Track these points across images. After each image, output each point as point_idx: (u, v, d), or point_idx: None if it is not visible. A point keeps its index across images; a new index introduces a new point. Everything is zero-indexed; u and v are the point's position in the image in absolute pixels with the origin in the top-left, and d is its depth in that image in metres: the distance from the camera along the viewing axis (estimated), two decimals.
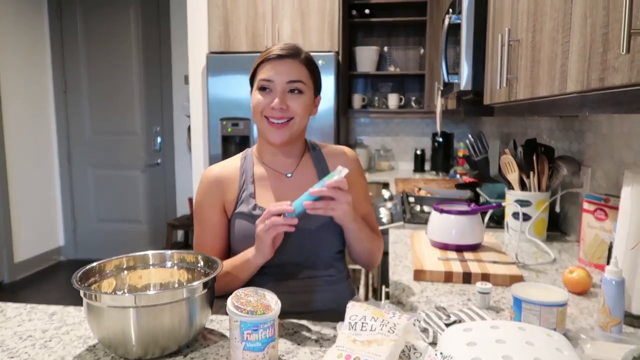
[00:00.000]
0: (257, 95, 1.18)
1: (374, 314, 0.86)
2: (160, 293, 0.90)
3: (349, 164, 1.28)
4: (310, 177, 1.26)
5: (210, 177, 1.25)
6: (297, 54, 1.19)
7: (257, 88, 1.19)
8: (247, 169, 1.25)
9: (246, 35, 3.44)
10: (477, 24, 1.70)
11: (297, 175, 1.26)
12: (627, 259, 1.03)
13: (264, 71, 1.18)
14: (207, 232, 1.23)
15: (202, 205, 1.24)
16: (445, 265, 1.36)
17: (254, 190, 1.22)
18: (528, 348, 0.74)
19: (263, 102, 1.17)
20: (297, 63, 1.18)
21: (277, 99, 1.15)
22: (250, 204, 1.20)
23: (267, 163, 1.26)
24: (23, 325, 1.04)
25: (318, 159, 1.29)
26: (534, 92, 1.12)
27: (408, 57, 4.13)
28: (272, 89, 1.17)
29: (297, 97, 1.18)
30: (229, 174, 1.25)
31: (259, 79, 1.18)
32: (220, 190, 1.23)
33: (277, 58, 1.17)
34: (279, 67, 1.17)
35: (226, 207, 1.23)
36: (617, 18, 0.71)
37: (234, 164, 1.27)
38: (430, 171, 4.08)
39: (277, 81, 1.16)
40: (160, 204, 4.60)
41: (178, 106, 4.48)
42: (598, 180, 1.63)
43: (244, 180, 1.23)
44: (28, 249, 4.25)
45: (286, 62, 1.17)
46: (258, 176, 1.25)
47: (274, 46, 1.20)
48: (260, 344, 0.84)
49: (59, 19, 4.39)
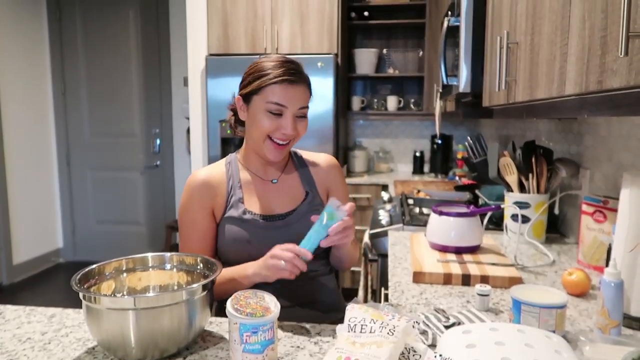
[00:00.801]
0: (265, 119, 1.17)
1: (373, 316, 0.86)
2: (160, 295, 0.91)
3: (331, 170, 1.36)
4: (294, 183, 1.31)
5: (197, 181, 1.25)
6: (303, 78, 1.20)
7: (266, 110, 1.17)
8: (234, 174, 1.28)
9: (245, 37, 3.45)
10: (476, 27, 1.71)
11: (282, 182, 1.30)
12: (626, 261, 1.03)
13: (273, 94, 1.16)
14: (194, 236, 1.24)
15: (188, 210, 1.25)
16: (445, 267, 1.36)
17: (242, 195, 1.25)
18: (527, 350, 0.74)
19: (272, 126, 1.18)
20: (305, 88, 1.20)
21: (290, 125, 1.17)
22: (239, 209, 1.23)
23: (253, 170, 1.30)
24: (22, 328, 1.04)
25: (301, 165, 1.34)
26: (533, 94, 1.12)
27: (407, 59, 4.13)
28: (282, 114, 1.18)
29: (302, 121, 1.22)
30: (216, 178, 1.26)
31: (267, 101, 1.16)
32: (209, 194, 1.24)
33: (289, 83, 1.16)
34: (292, 93, 1.17)
35: (215, 211, 1.25)
36: (615, 21, 0.71)
37: (219, 169, 1.29)
38: (430, 173, 4.08)
39: (290, 107, 1.17)
40: (159, 206, 4.60)
41: (177, 108, 4.49)
42: (597, 182, 1.63)
43: (232, 185, 1.26)
44: (27, 251, 4.24)
45: (298, 88, 1.18)
46: (244, 182, 1.27)
47: (272, 62, 1.18)
48: (260, 346, 0.84)
49: (58, 21, 4.40)
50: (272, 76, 1.16)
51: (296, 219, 1.25)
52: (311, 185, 1.32)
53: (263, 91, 1.17)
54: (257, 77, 1.18)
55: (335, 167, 1.38)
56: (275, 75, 1.16)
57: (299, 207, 1.27)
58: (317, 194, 1.31)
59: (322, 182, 1.34)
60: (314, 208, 1.27)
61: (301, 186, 1.31)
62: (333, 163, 1.38)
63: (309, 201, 1.29)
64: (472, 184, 2.62)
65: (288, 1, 3.39)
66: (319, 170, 1.35)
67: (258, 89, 1.17)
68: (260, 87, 1.17)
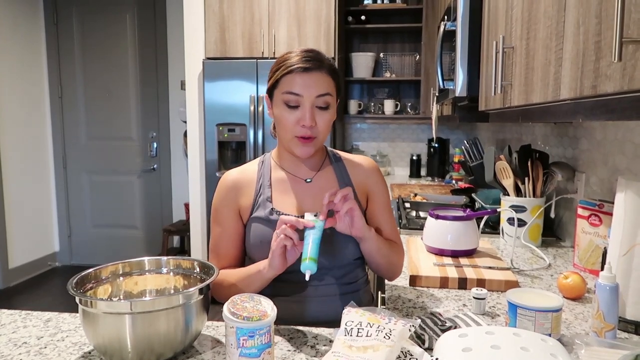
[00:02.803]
0: (284, 113, 1.12)
1: (370, 319, 0.87)
2: (156, 299, 0.90)
3: (370, 173, 1.27)
4: (330, 183, 1.23)
5: (227, 182, 1.22)
6: (322, 64, 1.13)
7: (284, 102, 1.12)
8: (265, 173, 1.23)
9: (242, 41, 3.45)
10: (472, 31, 1.71)
11: (317, 181, 1.23)
12: (621, 265, 1.04)
13: (288, 84, 1.11)
14: (222, 237, 1.21)
15: (217, 210, 1.22)
16: (441, 271, 1.36)
17: (270, 194, 1.19)
18: (523, 354, 0.74)
19: (292, 120, 1.12)
20: (323, 75, 1.12)
21: (308, 116, 1.10)
22: (267, 208, 1.17)
23: (286, 168, 1.23)
24: (18, 332, 1.03)
25: (339, 167, 1.26)
26: (528, 98, 1.13)
27: (404, 64, 4.15)
28: (299, 104, 1.11)
29: (323, 114, 1.13)
30: (246, 178, 1.22)
31: (283, 92, 1.11)
32: (236, 194, 1.21)
33: (303, 71, 1.10)
34: (307, 81, 1.10)
35: (242, 213, 1.21)
36: (609, 26, 0.72)
37: (252, 168, 1.25)
38: (426, 177, 4.09)
39: (306, 96, 1.10)
40: (156, 210, 4.59)
41: (174, 112, 4.48)
42: (592, 186, 1.64)
43: (261, 184, 1.21)
44: (23, 255, 4.23)
45: (314, 75, 1.11)
46: (276, 180, 1.22)
47: (292, 53, 1.14)
48: (257, 350, 0.84)
49: (55, 24, 4.40)
50: (286, 65, 1.11)
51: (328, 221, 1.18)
52: (347, 185, 1.23)
53: (280, 83, 1.12)
54: (275, 70, 1.14)
55: (377, 170, 1.29)
56: (289, 64, 1.11)
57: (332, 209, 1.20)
58: (355, 197, 1.22)
59: (361, 185, 1.25)
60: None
61: (337, 186, 1.22)
62: (374, 166, 1.29)
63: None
64: (469, 188, 2.63)
65: (285, 5, 3.40)
66: (359, 173, 1.26)
67: (276, 82, 1.13)
68: (277, 80, 1.13)
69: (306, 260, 0.98)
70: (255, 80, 3.37)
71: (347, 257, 1.19)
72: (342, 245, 1.18)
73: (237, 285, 1.12)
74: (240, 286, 1.11)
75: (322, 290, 1.17)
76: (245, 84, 3.39)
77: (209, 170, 3.49)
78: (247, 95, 3.39)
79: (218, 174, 3.46)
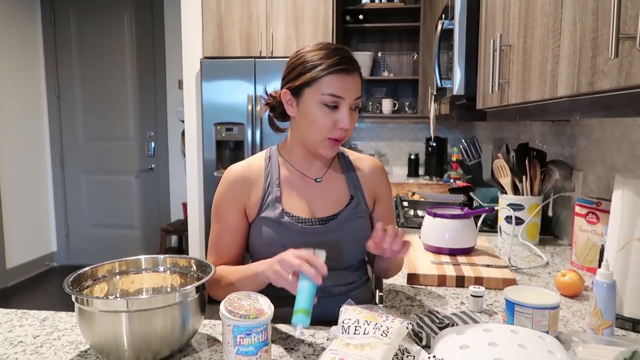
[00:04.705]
0: (320, 114, 1.08)
1: (367, 317, 0.86)
2: (153, 297, 0.90)
3: (378, 176, 1.26)
4: (339, 183, 1.21)
5: (232, 176, 1.18)
6: (357, 65, 1.11)
7: (322, 103, 1.08)
8: (273, 170, 1.19)
9: (240, 40, 3.45)
10: (470, 30, 1.71)
11: (326, 181, 1.21)
12: (618, 262, 1.04)
13: (329, 85, 1.07)
14: (224, 232, 1.18)
15: (220, 205, 1.18)
16: (439, 269, 1.36)
17: (280, 194, 1.16)
18: (520, 351, 0.74)
19: (329, 121, 1.09)
20: (359, 77, 1.12)
21: (347, 118, 1.08)
22: (277, 209, 1.14)
23: (296, 167, 1.20)
24: (14, 331, 1.03)
25: (347, 166, 1.25)
26: (526, 96, 1.13)
27: (402, 63, 4.15)
28: (338, 106, 1.08)
29: (354, 116, 1.12)
30: (252, 174, 1.18)
31: (323, 93, 1.07)
32: (243, 192, 1.17)
33: (346, 73, 1.08)
34: (348, 84, 1.08)
35: (248, 210, 1.17)
36: (605, 23, 0.72)
37: (258, 164, 1.21)
38: (424, 176, 4.09)
39: (347, 98, 1.08)
40: (154, 210, 4.59)
41: (172, 111, 4.48)
42: (590, 184, 1.64)
43: (269, 182, 1.17)
44: (20, 255, 4.22)
45: (353, 78, 1.09)
46: (285, 179, 1.19)
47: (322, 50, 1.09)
48: (253, 348, 0.84)
49: (52, 24, 4.38)
50: (327, 65, 1.06)
51: (337, 225, 1.16)
52: (357, 188, 1.22)
53: (317, 83, 1.07)
54: (309, 68, 1.08)
55: (383, 172, 1.28)
56: (330, 64, 1.06)
57: (341, 212, 1.17)
58: (363, 199, 1.22)
59: (369, 187, 1.24)
60: (358, 214, 1.18)
61: (346, 188, 1.21)
62: (380, 166, 1.28)
63: (353, 206, 1.19)
64: (467, 187, 2.63)
65: (283, 4, 3.39)
66: (366, 174, 1.25)
67: (311, 80, 1.07)
68: (314, 79, 1.07)
69: (298, 313, 0.88)
70: (253, 80, 3.37)
71: (350, 261, 1.19)
72: (347, 251, 1.17)
73: (233, 285, 1.10)
74: (236, 285, 1.09)
75: (323, 291, 1.14)
76: (243, 84, 3.38)
77: (207, 170, 3.48)
78: (245, 95, 3.38)
79: (216, 173, 3.45)
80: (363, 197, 1.22)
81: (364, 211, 1.21)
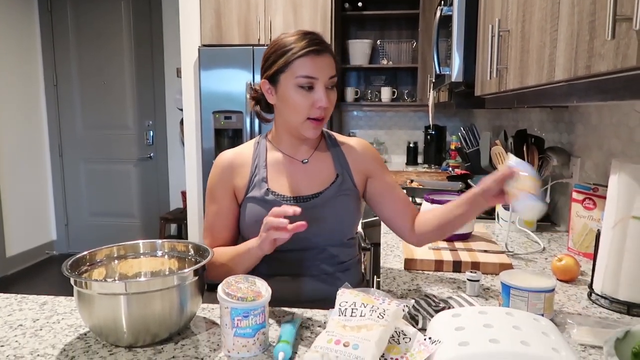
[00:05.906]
0: (297, 97, 1.12)
1: (364, 300, 0.87)
2: (151, 280, 0.91)
3: (368, 154, 1.29)
4: (325, 164, 1.25)
5: (222, 162, 1.24)
6: (327, 45, 1.16)
7: (297, 86, 1.12)
8: (260, 154, 1.24)
9: (238, 27, 3.43)
10: (468, 16, 1.71)
11: (313, 162, 1.25)
12: (614, 244, 1.04)
13: (301, 68, 1.11)
14: (217, 216, 1.23)
15: (212, 190, 1.24)
16: (436, 254, 1.37)
17: (266, 175, 1.21)
18: (515, 332, 0.75)
19: (306, 102, 1.13)
20: (330, 57, 1.15)
21: (324, 97, 1.12)
22: (262, 189, 1.19)
23: (283, 150, 1.25)
24: (13, 315, 1.04)
25: (334, 147, 1.28)
26: (523, 81, 1.13)
27: (401, 50, 4.13)
28: (313, 86, 1.12)
29: (332, 94, 1.16)
30: (241, 158, 1.24)
31: (297, 75, 1.11)
32: (231, 175, 1.22)
33: (316, 54, 1.12)
34: (320, 63, 1.12)
35: (237, 193, 1.22)
36: (603, 5, 0.71)
37: (247, 149, 1.26)
38: (423, 164, 4.10)
39: (320, 78, 1.12)
40: (153, 198, 4.59)
41: (170, 99, 4.46)
42: (587, 170, 1.65)
43: (256, 164, 1.22)
44: (20, 244, 4.23)
45: (324, 58, 1.13)
46: (272, 161, 1.23)
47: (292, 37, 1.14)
48: (251, 330, 0.85)
49: (49, 12, 4.35)
50: (298, 49, 1.11)
51: (321, 202, 1.19)
52: (344, 167, 1.25)
53: (290, 67, 1.12)
54: (280, 54, 1.13)
55: (372, 151, 1.31)
56: (300, 47, 1.11)
57: (326, 190, 1.21)
58: (349, 178, 1.24)
59: (358, 167, 1.26)
60: (342, 192, 1.22)
61: (333, 168, 1.24)
62: (367, 145, 1.32)
63: (338, 184, 1.22)
64: (465, 174, 2.64)
65: None
66: (354, 154, 1.27)
67: (284, 65, 1.12)
68: (286, 64, 1.12)
69: (281, 343, 0.85)
70: (251, 68, 3.35)
71: (336, 238, 1.22)
72: (336, 226, 1.21)
73: (227, 264, 1.14)
74: (230, 265, 1.13)
75: (316, 269, 1.20)
76: (242, 72, 3.37)
77: (206, 158, 3.48)
78: (243, 83, 3.37)
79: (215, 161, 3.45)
80: (350, 176, 1.25)
81: (350, 189, 1.24)
